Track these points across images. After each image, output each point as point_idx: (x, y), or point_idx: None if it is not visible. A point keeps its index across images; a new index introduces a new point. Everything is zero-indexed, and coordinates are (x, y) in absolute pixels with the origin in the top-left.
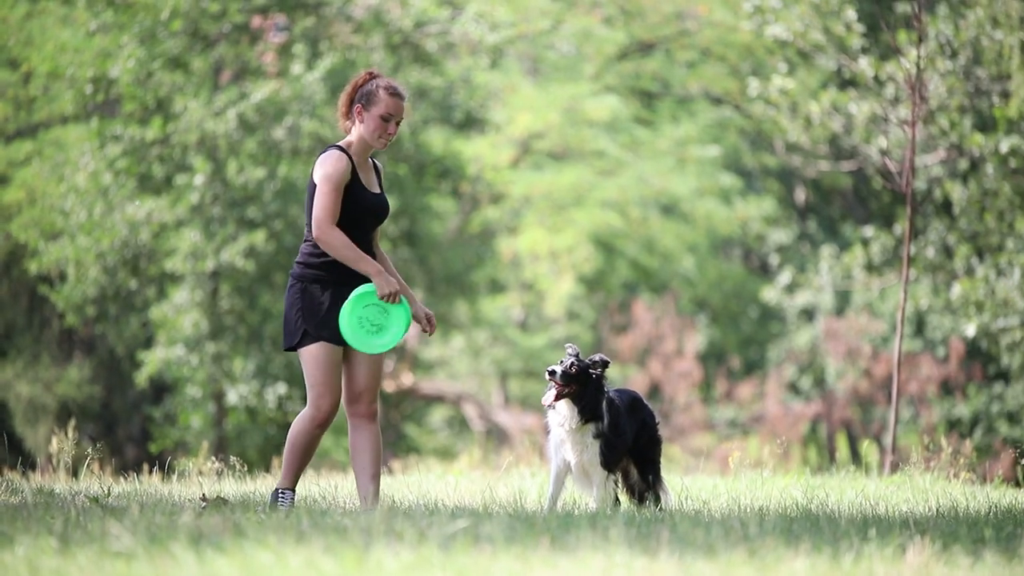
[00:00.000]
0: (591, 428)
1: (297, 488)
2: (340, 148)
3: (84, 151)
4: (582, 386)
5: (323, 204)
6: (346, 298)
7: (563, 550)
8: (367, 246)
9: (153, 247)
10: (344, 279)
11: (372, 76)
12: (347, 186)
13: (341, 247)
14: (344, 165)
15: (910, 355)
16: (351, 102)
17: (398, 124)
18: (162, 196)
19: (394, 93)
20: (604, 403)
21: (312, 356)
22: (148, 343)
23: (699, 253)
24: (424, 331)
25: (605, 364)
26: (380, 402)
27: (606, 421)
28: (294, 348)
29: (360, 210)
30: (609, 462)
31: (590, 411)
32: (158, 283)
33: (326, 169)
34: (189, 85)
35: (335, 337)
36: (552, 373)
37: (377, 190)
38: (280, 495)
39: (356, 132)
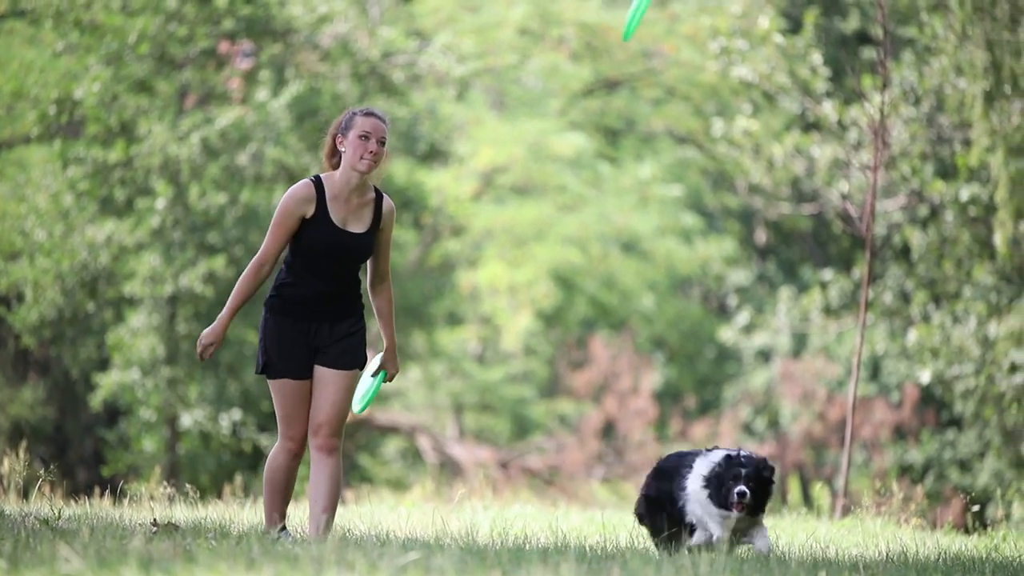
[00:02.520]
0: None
1: (253, 515)
2: (316, 177)
3: (46, 172)
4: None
5: (267, 234)
6: (308, 332)
7: None
8: (345, 285)
9: (112, 270)
10: (306, 314)
11: (351, 111)
12: (308, 219)
13: (238, 281)
14: (301, 194)
15: (864, 399)
16: (334, 140)
17: (382, 144)
18: (123, 219)
19: (368, 113)
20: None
21: (278, 389)
22: (103, 366)
23: (658, 291)
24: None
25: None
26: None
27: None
28: (261, 375)
29: (316, 244)
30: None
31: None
32: (116, 306)
33: (282, 198)
34: (154, 109)
35: (299, 372)
36: (742, 495)
37: (359, 229)
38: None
39: (342, 165)
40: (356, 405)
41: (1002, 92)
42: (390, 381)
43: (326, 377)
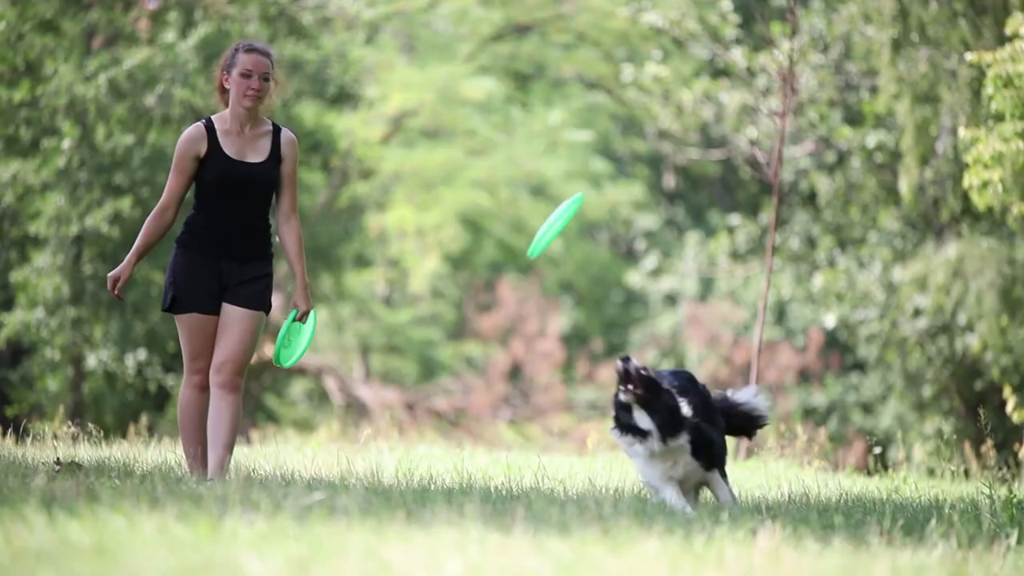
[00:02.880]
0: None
1: (158, 455)
2: (207, 118)
3: None
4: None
5: (168, 179)
6: (217, 271)
7: (418, 524)
8: (252, 222)
9: (17, 210)
10: (215, 251)
11: (234, 48)
12: (204, 156)
13: (144, 224)
14: (192, 135)
15: (770, 343)
16: (222, 77)
17: (266, 80)
18: (28, 159)
19: (249, 49)
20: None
21: (185, 324)
22: (8, 305)
23: (566, 235)
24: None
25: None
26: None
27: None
28: (168, 311)
29: (214, 177)
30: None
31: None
32: (20, 246)
33: (177, 143)
34: (60, 49)
35: (206, 306)
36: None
37: (257, 159)
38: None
39: (230, 102)
40: (277, 354)
41: (909, 40)
42: (303, 320)
43: (232, 315)
